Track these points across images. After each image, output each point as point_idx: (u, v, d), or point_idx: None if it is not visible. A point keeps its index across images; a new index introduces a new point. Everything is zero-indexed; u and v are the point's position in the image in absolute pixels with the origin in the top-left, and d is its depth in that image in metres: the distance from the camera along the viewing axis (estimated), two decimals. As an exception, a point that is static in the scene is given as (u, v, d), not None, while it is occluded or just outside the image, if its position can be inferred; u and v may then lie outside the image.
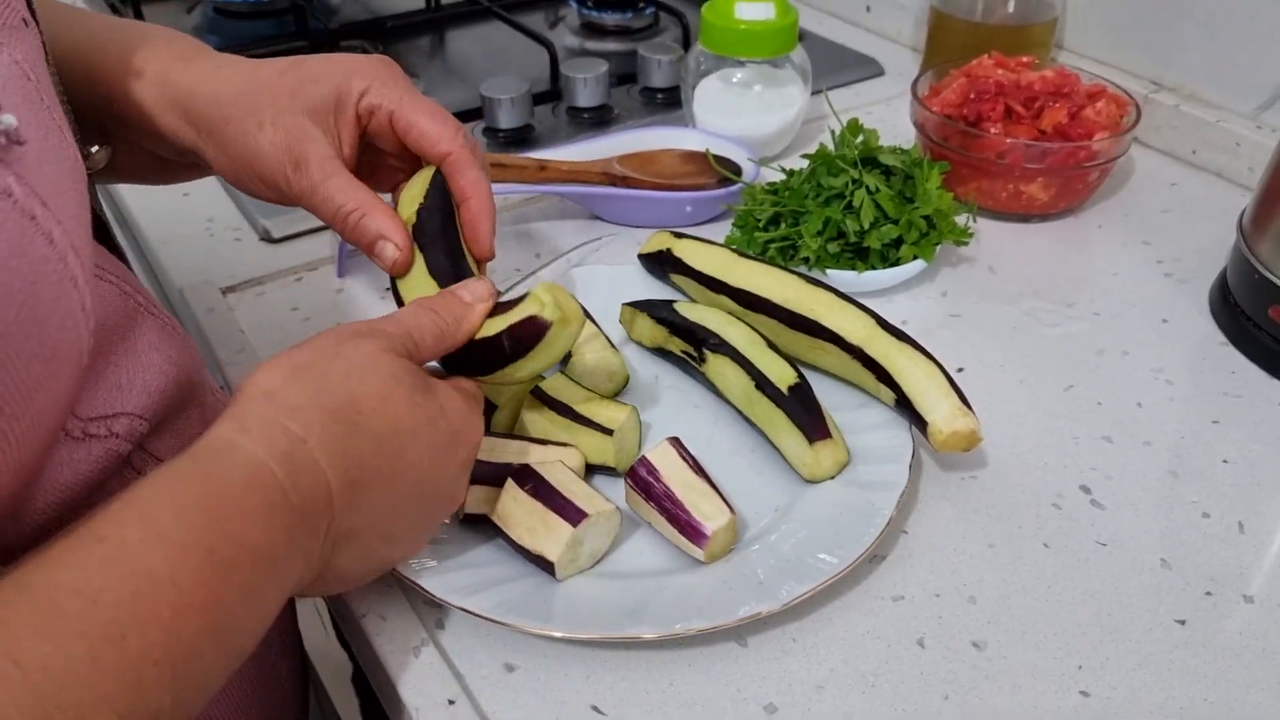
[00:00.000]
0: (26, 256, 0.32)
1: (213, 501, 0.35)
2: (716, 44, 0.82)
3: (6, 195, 0.31)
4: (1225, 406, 0.63)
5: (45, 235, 0.33)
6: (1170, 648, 0.49)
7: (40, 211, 0.33)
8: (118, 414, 0.41)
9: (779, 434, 0.56)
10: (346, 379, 0.42)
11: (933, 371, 0.57)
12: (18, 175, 0.32)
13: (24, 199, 0.32)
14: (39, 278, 0.32)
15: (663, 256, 0.67)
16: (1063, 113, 0.76)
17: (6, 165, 0.32)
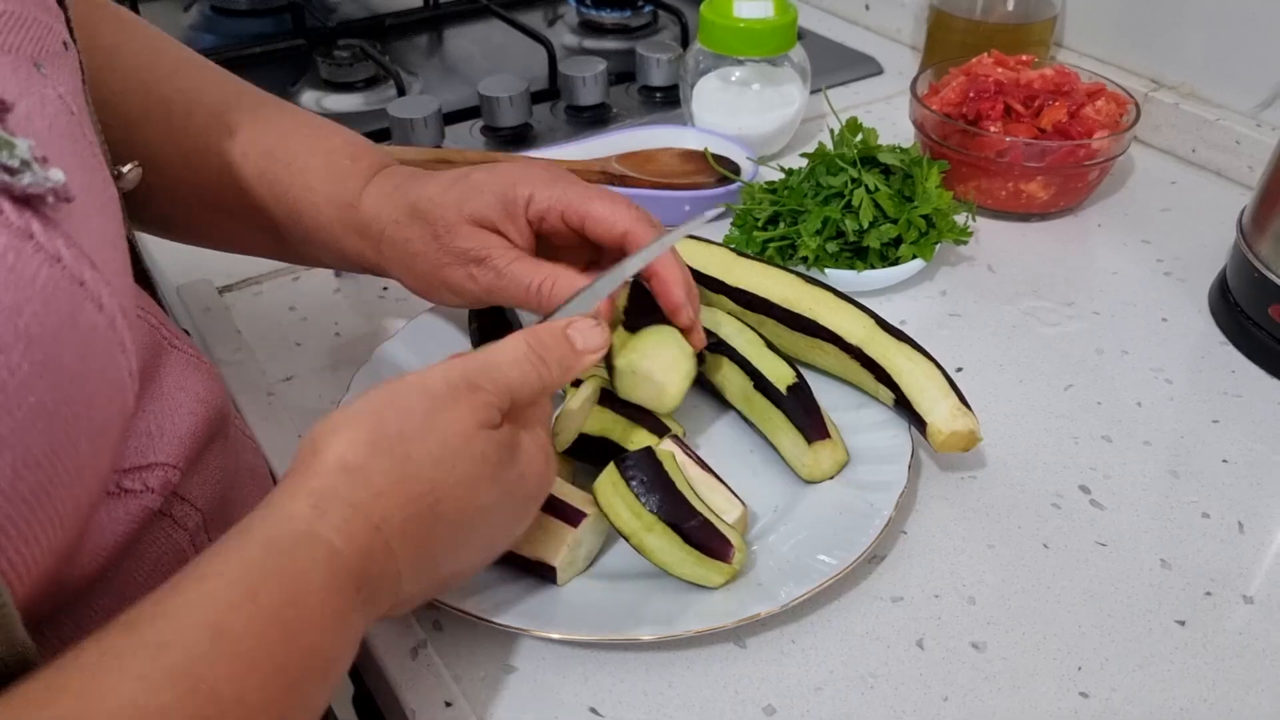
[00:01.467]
0: (77, 327, 0.30)
1: (286, 609, 0.33)
2: (715, 42, 0.82)
3: (56, 261, 0.30)
4: (1225, 406, 0.63)
5: (95, 301, 0.31)
6: (1170, 648, 0.49)
7: (89, 275, 0.31)
8: (151, 465, 0.40)
9: (777, 434, 0.56)
10: (435, 465, 0.39)
11: (932, 371, 0.56)
12: (67, 237, 0.30)
13: (73, 263, 0.30)
14: (88, 349, 0.31)
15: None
16: (1062, 111, 0.76)
17: (55, 227, 0.30)
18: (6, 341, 0.27)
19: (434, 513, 0.39)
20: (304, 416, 0.61)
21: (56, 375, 0.29)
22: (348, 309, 0.71)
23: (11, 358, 0.27)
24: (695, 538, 0.48)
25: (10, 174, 0.28)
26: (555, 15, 1.14)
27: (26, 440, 0.28)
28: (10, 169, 0.28)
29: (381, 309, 0.70)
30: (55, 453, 0.29)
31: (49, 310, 0.29)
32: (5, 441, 0.27)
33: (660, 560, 0.48)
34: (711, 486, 0.51)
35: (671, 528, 0.48)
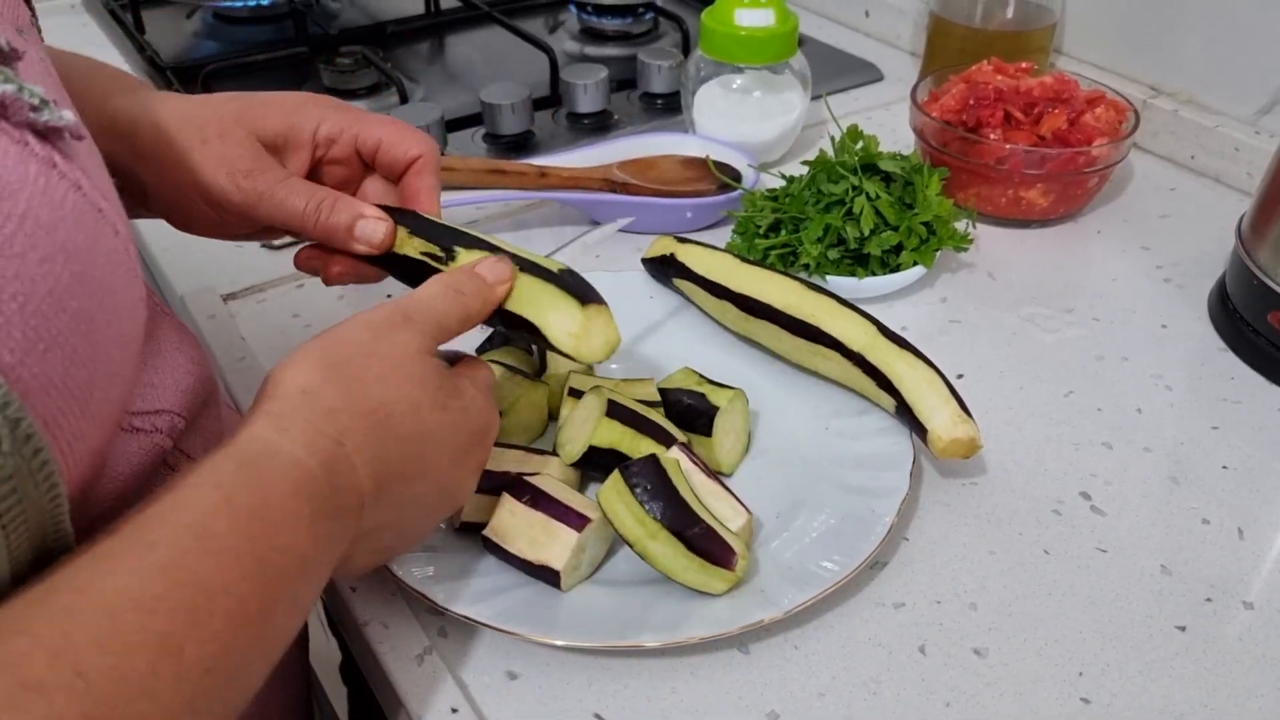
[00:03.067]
0: (101, 247, 0.33)
1: (263, 509, 0.36)
2: (716, 50, 0.82)
3: (77, 189, 0.32)
4: (1224, 412, 0.63)
5: (111, 227, 0.34)
6: (1171, 654, 0.49)
7: (104, 204, 0.34)
8: (159, 410, 0.42)
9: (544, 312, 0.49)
10: (382, 382, 0.42)
11: (933, 378, 0.57)
12: (83, 169, 0.33)
13: (91, 192, 0.33)
14: (113, 267, 0.34)
15: (666, 261, 0.67)
16: (1062, 118, 0.76)
17: (72, 159, 0.33)
18: (49, 252, 0.30)
19: (387, 427, 0.41)
20: (308, 423, 0.61)
21: (91, 285, 0.32)
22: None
23: (55, 267, 0.30)
24: (698, 545, 0.48)
25: (34, 110, 0.31)
26: (556, 22, 1.14)
27: (73, 341, 0.31)
28: (33, 105, 0.31)
29: (385, 316, 0.71)
30: (95, 355, 0.32)
31: (79, 229, 0.32)
32: (56, 340, 0.30)
33: (664, 567, 0.49)
34: (717, 494, 0.52)
35: (675, 535, 0.48)
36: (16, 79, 0.32)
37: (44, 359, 0.30)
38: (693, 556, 0.48)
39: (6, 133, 0.31)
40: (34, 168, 0.31)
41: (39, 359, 0.29)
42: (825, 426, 0.59)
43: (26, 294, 0.29)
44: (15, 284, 0.29)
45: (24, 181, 0.30)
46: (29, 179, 0.31)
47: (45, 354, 0.30)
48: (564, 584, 0.49)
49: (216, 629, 0.32)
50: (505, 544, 0.50)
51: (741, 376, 0.62)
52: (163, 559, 0.32)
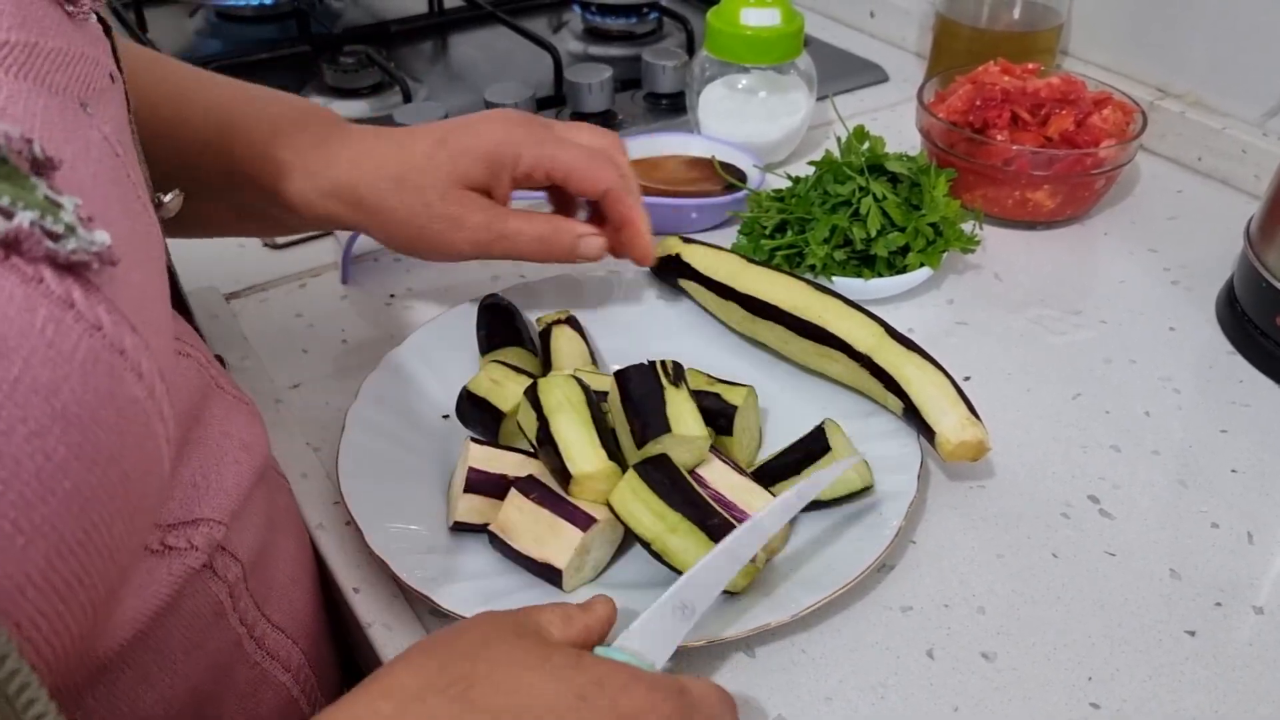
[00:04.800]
0: (115, 402, 0.29)
1: None
2: (722, 50, 0.82)
3: (96, 330, 0.28)
4: (1233, 415, 0.63)
5: (135, 370, 0.30)
6: (1181, 659, 0.49)
7: (129, 341, 0.30)
8: (196, 520, 0.39)
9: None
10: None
11: (941, 381, 0.56)
12: (108, 302, 0.29)
13: (113, 331, 0.29)
14: (127, 425, 0.29)
15: (671, 262, 0.67)
16: (1069, 120, 0.76)
17: (97, 292, 0.29)
18: (43, 424, 0.26)
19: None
20: (312, 424, 0.61)
21: (93, 457, 0.27)
22: (355, 316, 0.70)
23: (47, 442, 0.26)
24: (718, 536, 0.47)
25: (54, 240, 0.27)
26: (560, 22, 1.14)
27: (60, 528, 0.26)
28: (54, 235, 0.27)
29: (389, 315, 0.70)
30: (89, 538, 0.28)
31: (87, 386, 0.27)
32: (39, 531, 0.26)
33: (683, 561, 0.48)
34: (750, 489, 0.51)
35: (698, 526, 0.48)
36: (42, 199, 0.27)
37: (22, 555, 0.25)
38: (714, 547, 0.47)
39: (18, 270, 0.26)
40: (42, 315, 0.26)
41: (15, 556, 0.25)
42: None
43: (7, 479, 0.25)
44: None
45: (25, 335, 0.26)
46: (33, 330, 0.26)
47: (24, 549, 0.25)
48: (566, 584, 0.49)
49: None
50: (510, 539, 0.50)
51: (747, 378, 0.61)
52: None
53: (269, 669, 0.46)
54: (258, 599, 0.45)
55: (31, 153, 0.27)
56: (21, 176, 0.27)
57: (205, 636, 0.41)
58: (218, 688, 0.42)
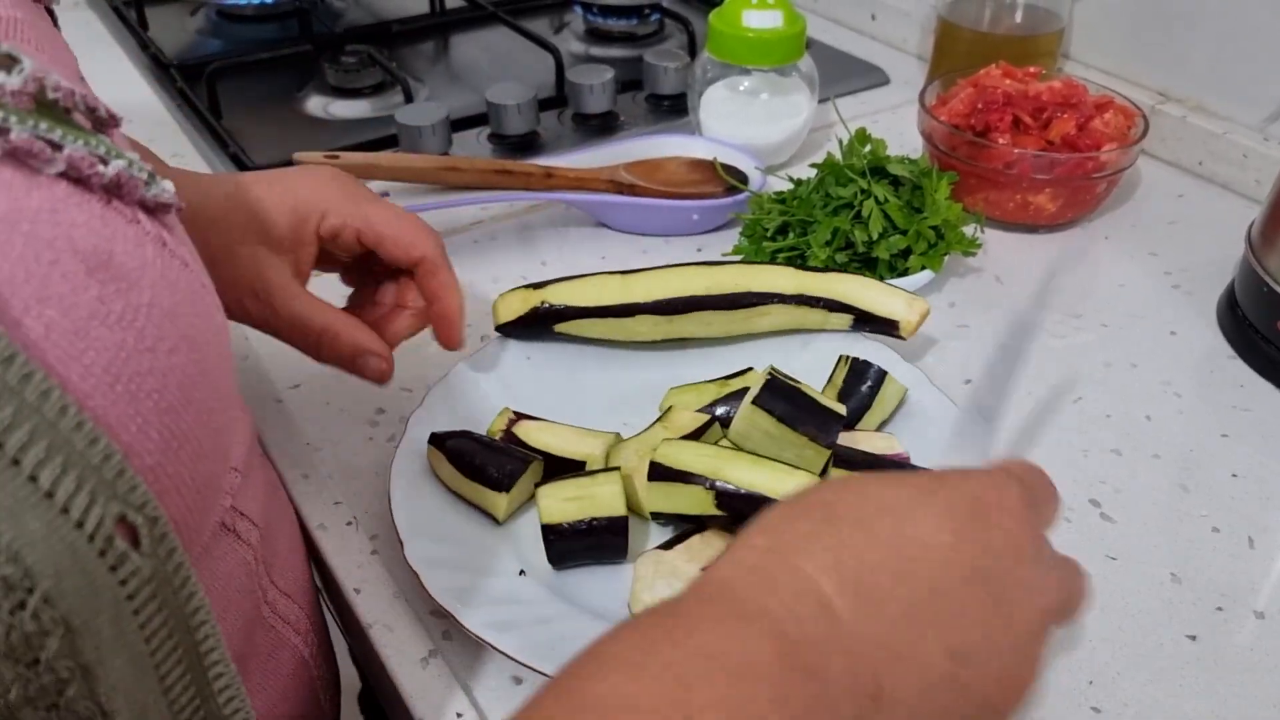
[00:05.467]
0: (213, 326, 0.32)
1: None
2: (724, 51, 0.82)
3: (185, 266, 0.31)
4: (1234, 420, 0.63)
5: (216, 303, 0.33)
6: (1182, 663, 0.49)
7: (206, 278, 0.33)
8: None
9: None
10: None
11: (866, 281, 0.62)
12: (186, 244, 0.32)
13: (196, 266, 0.32)
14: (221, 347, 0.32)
15: (540, 314, 0.61)
16: (1071, 124, 0.76)
17: (175, 233, 0.32)
18: (175, 343, 0.29)
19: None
20: (312, 424, 0.61)
21: (209, 373, 0.30)
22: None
23: (180, 358, 0.29)
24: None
25: (144, 186, 0.30)
26: (561, 23, 1.14)
27: (199, 435, 0.29)
28: (144, 181, 0.30)
29: (389, 316, 0.70)
30: (216, 446, 0.31)
31: (195, 311, 0.31)
32: (188, 436, 0.29)
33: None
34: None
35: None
36: (125, 154, 0.30)
37: (177, 458, 0.28)
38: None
39: (121, 213, 0.29)
40: (150, 250, 0.29)
41: (173, 458, 0.28)
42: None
43: (161, 389, 0.28)
44: (151, 379, 0.28)
45: (145, 266, 0.29)
46: (148, 263, 0.29)
47: (178, 452, 0.28)
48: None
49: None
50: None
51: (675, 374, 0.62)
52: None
53: (283, 632, 0.47)
54: (268, 565, 0.46)
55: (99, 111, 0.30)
56: (91, 132, 0.29)
57: (238, 598, 0.42)
58: (245, 649, 0.44)
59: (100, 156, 0.29)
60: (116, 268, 0.28)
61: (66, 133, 0.28)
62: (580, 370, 0.62)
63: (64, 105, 0.29)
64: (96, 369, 0.26)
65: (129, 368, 0.27)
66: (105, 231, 0.28)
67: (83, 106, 0.29)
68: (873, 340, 0.62)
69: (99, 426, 0.25)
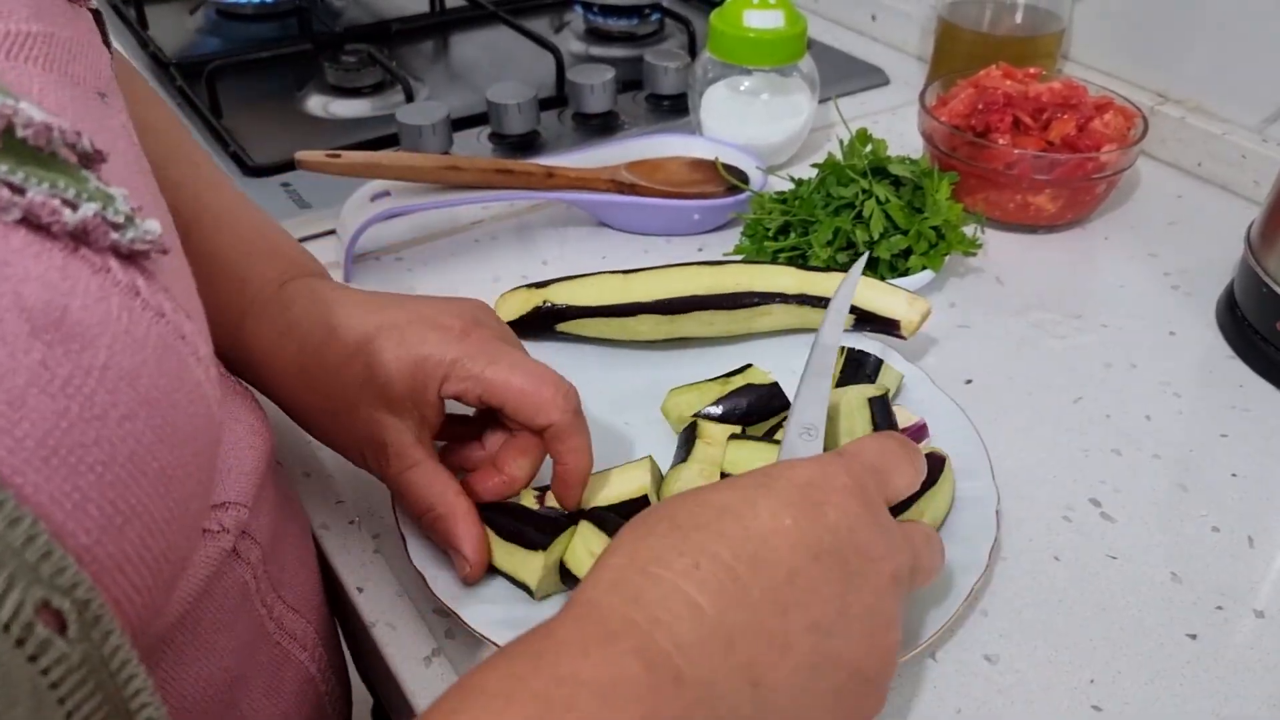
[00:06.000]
0: (184, 387, 0.29)
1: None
2: (725, 51, 0.82)
3: (160, 317, 0.29)
4: (1233, 420, 0.63)
5: (194, 354, 0.30)
6: (1182, 662, 0.49)
7: (187, 327, 0.30)
8: (224, 504, 0.39)
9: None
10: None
11: (872, 282, 0.62)
12: (165, 290, 0.29)
13: (174, 317, 0.29)
14: (194, 407, 0.30)
15: (542, 313, 0.62)
16: (1071, 124, 0.76)
17: (155, 280, 0.29)
18: (131, 409, 0.26)
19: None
20: (314, 423, 0.61)
21: (173, 438, 0.28)
22: (357, 315, 0.70)
23: (136, 425, 0.26)
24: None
25: (116, 230, 0.27)
26: (562, 22, 1.14)
27: (151, 508, 0.27)
28: (116, 225, 0.27)
29: (390, 315, 0.70)
30: (173, 516, 0.28)
31: (162, 371, 0.28)
32: (135, 511, 0.26)
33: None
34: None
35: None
36: (99, 190, 0.28)
37: (120, 535, 0.26)
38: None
39: (88, 261, 0.27)
40: (116, 302, 0.27)
41: (115, 536, 0.26)
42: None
43: (106, 462, 0.25)
44: (95, 451, 0.25)
45: (105, 324, 0.26)
46: (111, 319, 0.26)
47: (122, 529, 0.26)
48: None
49: None
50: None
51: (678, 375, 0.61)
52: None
53: (289, 648, 0.47)
54: (274, 581, 0.45)
55: (81, 146, 0.28)
56: (74, 169, 0.27)
57: (234, 618, 0.42)
58: (246, 668, 0.43)
59: (69, 200, 0.26)
60: (70, 326, 0.25)
61: (31, 174, 0.26)
62: (582, 369, 0.62)
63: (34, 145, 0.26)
64: (29, 442, 0.24)
65: (69, 439, 0.25)
66: (63, 285, 0.26)
67: (61, 143, 0.27)
68: (874, 339, 0.62)
69: (24, 506, 0.23)
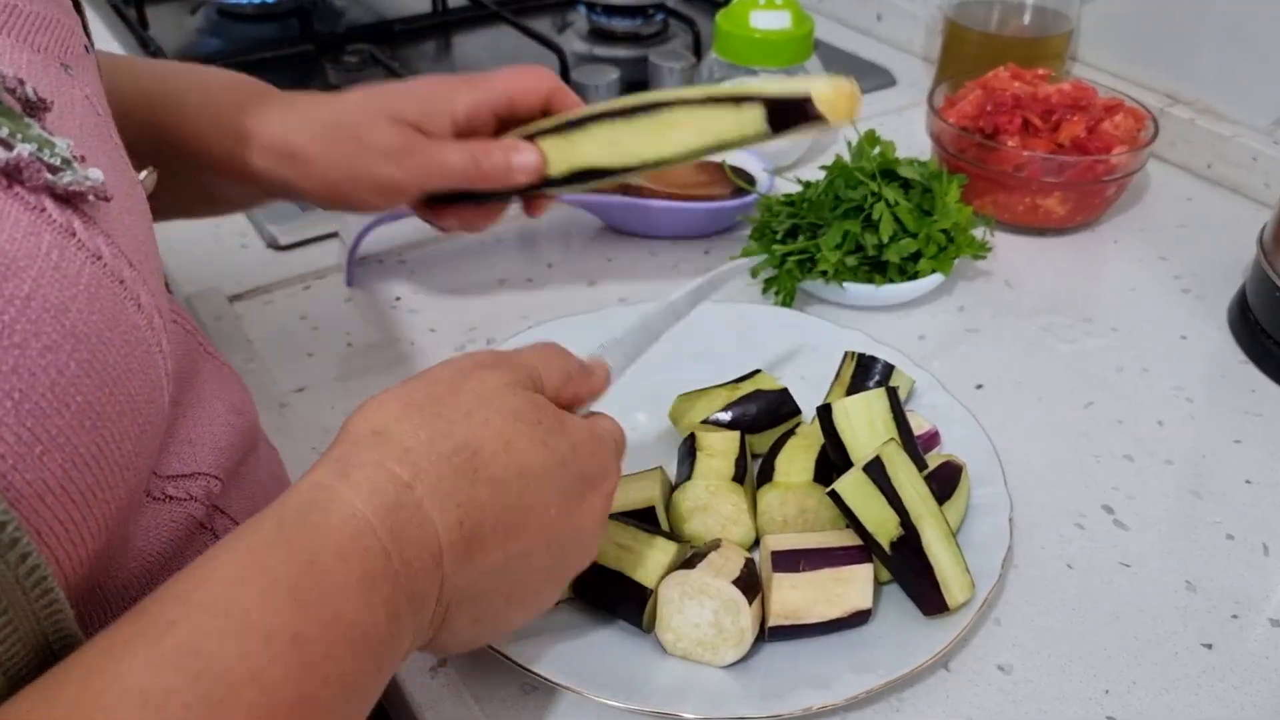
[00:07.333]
0: (119, 326, 0.30)
1: (301, 576, 0.31)
2: (731, 52, 0.81)
3: (97, 259, 0.30)
4: (1246, 425, 0.62)
5: (134, 300, 0.31)
6: (1198, 672, 0.48)
7: (128, 274, 0.31)
8: (193, 474, 0.39)
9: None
10: (467, 418, 0.38)
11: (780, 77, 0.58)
12: (106, 235, 0.30)
13: (113, 262, 0.30)
14: (130, 349, 0.30)
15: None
16: (1080, 126, 0.75)
17: (95, 225, 0.30)
18: (55, 340, 0.27)
19: (473, 468, 0.37)
20: (317, 428, 0.60)
21: (102, 374, 0.29)
22: (360, 319, 0.70)
23: (60, 357, 0.27)
24: None
25: (53, 172, 0.29)
26: (565, 22, 1.13)
27: (75, 440, 0.28)
28: (52, 167, 0.29)
29: (394, 318, 0.70)
30: (101, 452, 0.29)
31: (93, 308, 0.29)
32: (55, 441, 0.27)
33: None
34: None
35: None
36: (39, 135, 0.29)
37: (40, 463, 0.26)
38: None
39: (21, 199, 0.28)
40: (47, 239, 0.28)
41: (34, 464, 0.26)
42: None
43: (24, 390, 0.26)
44: (12, 379, 0.26)
45: (33, 257, 0.27)
46: (40, 253, 0.28)
47: (41, 458, 0.27)
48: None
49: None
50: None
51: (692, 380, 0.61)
52: (180, 643, 0.28)
53: None
54: None
55: (25, 93, 0.29)
56: (16, 114, 0.29)
57: None
58: None
59: (3, 139, 0.28)
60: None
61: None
62: None
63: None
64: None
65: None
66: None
67: (2, 88, 0.29)
68: (883, 346, 0.62)
69: None
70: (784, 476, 0.52)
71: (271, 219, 0.76)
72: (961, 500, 0.53)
